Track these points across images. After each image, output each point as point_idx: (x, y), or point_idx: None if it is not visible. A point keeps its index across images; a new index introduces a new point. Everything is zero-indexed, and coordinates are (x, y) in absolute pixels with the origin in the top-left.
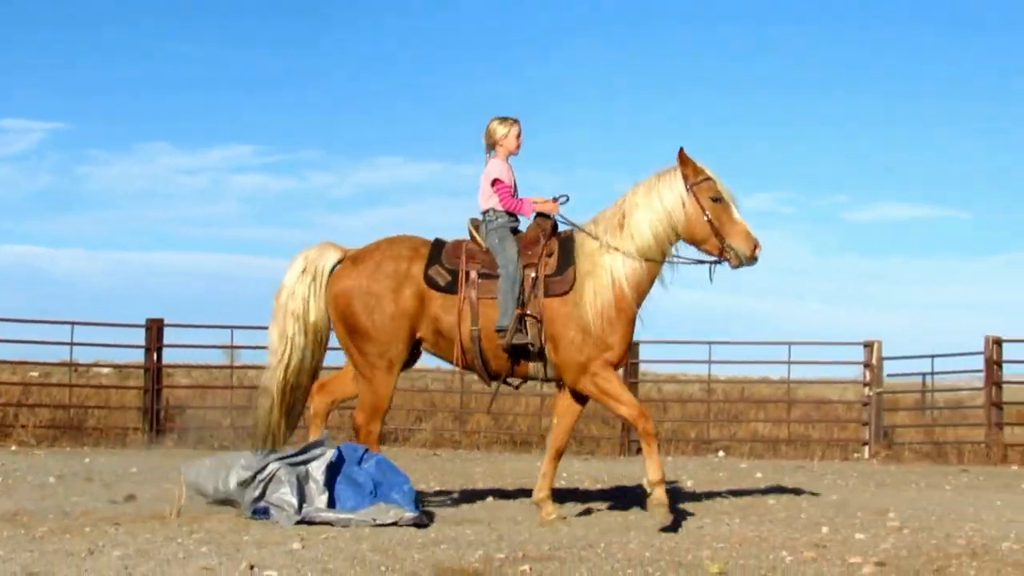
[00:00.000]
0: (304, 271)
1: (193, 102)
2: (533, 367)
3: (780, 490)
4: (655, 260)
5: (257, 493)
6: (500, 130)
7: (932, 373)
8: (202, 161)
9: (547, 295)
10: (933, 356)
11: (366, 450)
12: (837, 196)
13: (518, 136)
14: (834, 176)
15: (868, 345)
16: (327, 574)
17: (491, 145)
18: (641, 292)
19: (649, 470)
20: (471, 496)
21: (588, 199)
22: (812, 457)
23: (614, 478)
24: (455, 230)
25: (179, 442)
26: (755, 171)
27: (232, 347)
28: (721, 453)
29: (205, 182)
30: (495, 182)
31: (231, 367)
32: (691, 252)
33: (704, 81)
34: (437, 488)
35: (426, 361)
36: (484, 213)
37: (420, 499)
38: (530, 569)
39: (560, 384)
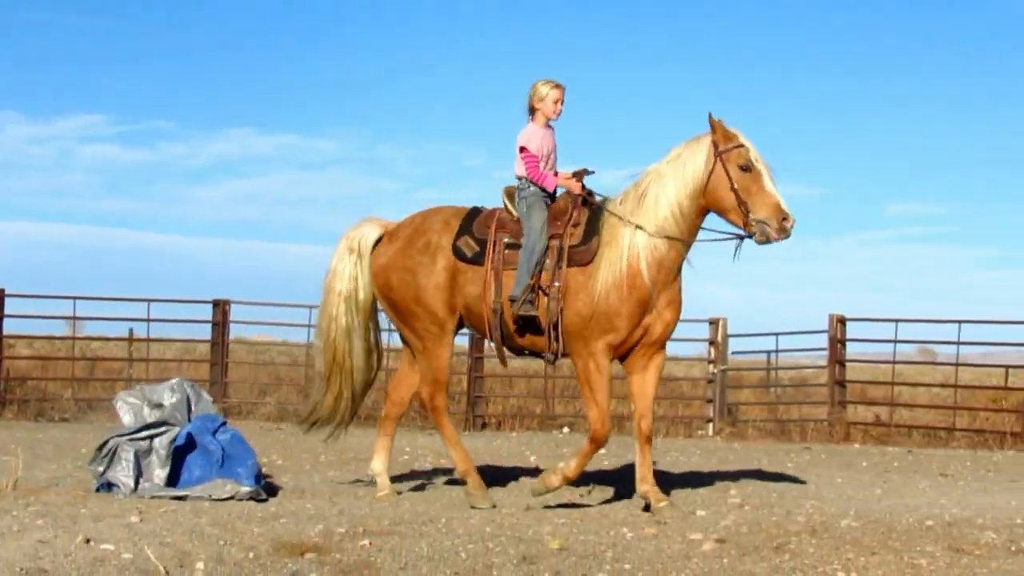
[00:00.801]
0: (350, 251)
1: (43, 72)
2: (559, 343)
3: (623, 466)
4: (677, 239)
5: (102, 468)
6: (540, 92)
7: (776, 351)
8: (51, 131)
9: (570, 265)
10: (778, 334)
11: (223, 422)
12: None
13: (555, 101)
14: None
15: (713, 322)
16: (165, 548)
17: (531, 109)
18: (664, 272)
19: (569, 464)
20: (313, 470)
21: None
22: (656, 434)
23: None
24: (310, 204)
25: (19, 414)
26: (604, 145)
27: (75, 318)
28: (566, 429)
29: (54, 152)
30: (522, 150)
31: (73, 338)
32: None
33: (552, 54)
34: (280, 462)
35: (271, 333)
36: (518, 180)
37: (263, 474)
38: (370, 544)
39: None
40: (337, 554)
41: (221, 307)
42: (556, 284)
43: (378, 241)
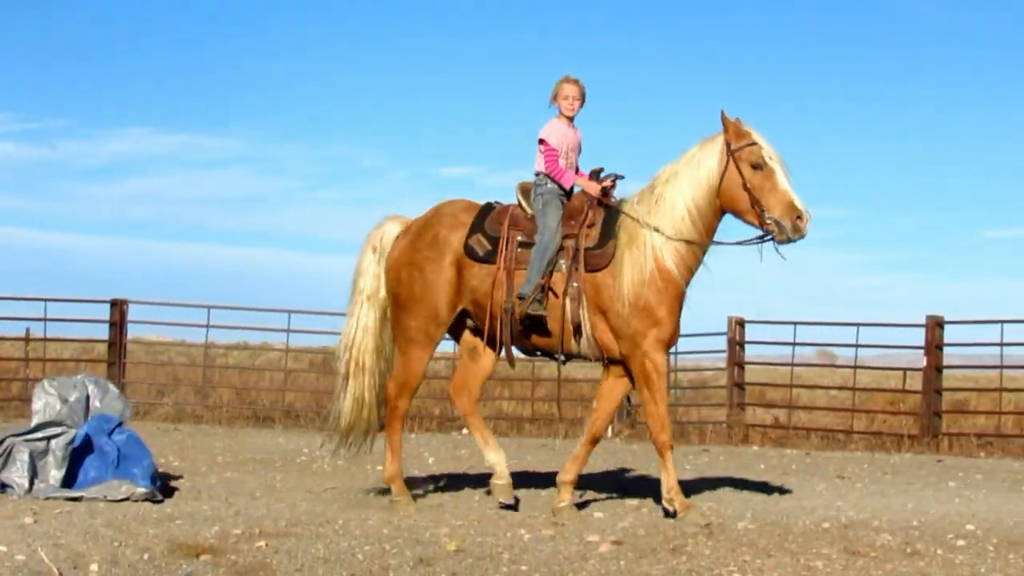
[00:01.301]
0: (373, 249)
1: None
2: (576, 344)
3: (522, 468)
4: (695, 241)
5: None
6: (558, 87)
7: (675, 353)
8: None
9: (587, 269)
10: None
11: (119, 423)
12: None
13: (566, 97)
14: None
15: None
16: (59, 549)
17: (554, 105)
18: (688, 270)
19: (664, 482)
20: (210, 471)
21: None
22: (556, 436)
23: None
24: (208, 203)
25: None
26: (495, 148)
27: None
28: (464, 430)
29: None
30: (541, 142)
31: None
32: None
33: (452, 55)
34: (177, 463)
35: (169, 333)
36: (536, 176)
37: (159, 475)
38: (266, 545)
39: (606, 364)
40: (233, 556)
41: (119, 307)
42: (574, 284)
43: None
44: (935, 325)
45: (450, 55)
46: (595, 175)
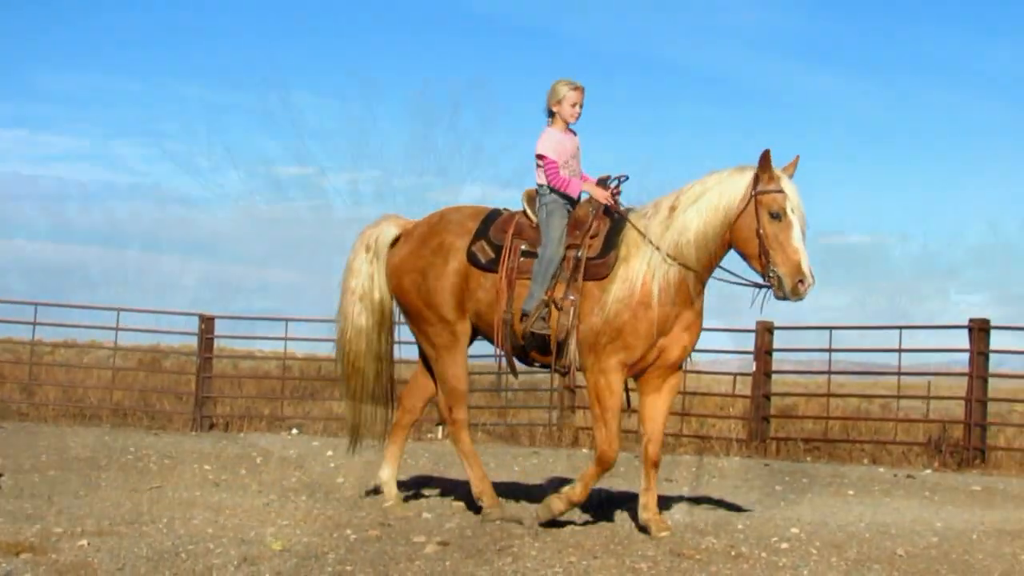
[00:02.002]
0: (366, 248)
1: None
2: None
3: (350, 469)
4: (693, 267)
5: None
6: (558, 94)
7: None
8: None
9: (587, 278)
10: None
11: None
12: (424, 177)
13: (573, 104)
14: (419, 157)
15: None
16: None
17: (549, 111)
18: (681, 295)
19: (574, 488)
20: (34, 470)
21: None
22: (385, 437)
23: (182, 454)
24: (40, 200)
25: None
26: (333, 148)
27: None
28: (295, 430)
29: None
30: (540, 157)
31: None
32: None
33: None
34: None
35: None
36: (539, 186)
37: None
38: (88, 544)
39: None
40: (53, 554)
41: None
42: (571, 298)
43: (396, 241)
44: (764, 330)
45: (281, 52)
46: (602, 183)
